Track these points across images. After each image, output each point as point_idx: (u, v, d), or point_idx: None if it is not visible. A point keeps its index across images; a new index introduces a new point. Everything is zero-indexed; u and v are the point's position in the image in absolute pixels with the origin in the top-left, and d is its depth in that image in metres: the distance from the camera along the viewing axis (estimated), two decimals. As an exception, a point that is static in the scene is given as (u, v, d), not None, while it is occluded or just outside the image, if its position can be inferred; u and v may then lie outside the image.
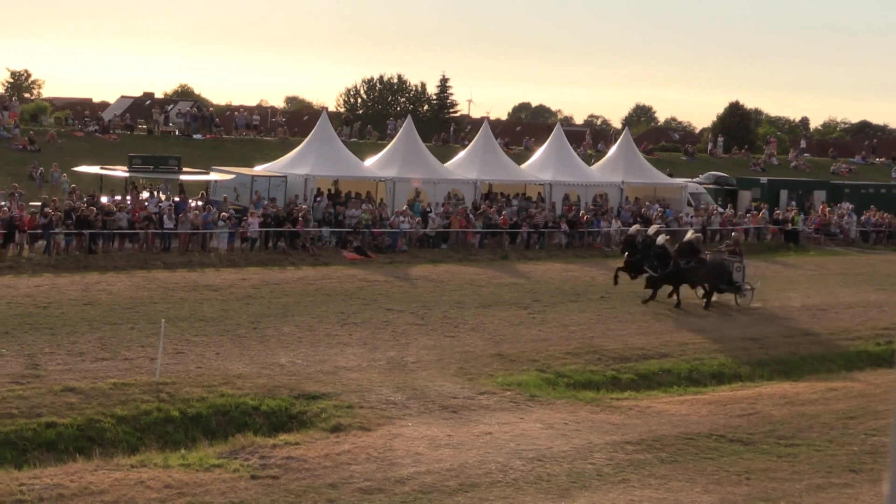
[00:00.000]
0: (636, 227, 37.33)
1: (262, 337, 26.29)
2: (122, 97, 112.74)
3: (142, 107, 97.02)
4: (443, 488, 16.20)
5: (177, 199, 43.91)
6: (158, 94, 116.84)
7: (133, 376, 21.64)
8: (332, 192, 47.57)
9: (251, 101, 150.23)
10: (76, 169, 48.48)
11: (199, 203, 43.89)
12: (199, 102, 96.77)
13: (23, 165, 54.37)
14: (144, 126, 72.90)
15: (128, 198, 43.05)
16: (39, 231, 37.41)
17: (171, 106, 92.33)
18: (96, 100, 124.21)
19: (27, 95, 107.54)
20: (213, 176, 47.24)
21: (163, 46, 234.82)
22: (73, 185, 45.44)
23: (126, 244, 39.30)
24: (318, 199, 45.89)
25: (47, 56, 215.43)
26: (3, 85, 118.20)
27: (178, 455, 17.24)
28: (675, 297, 33.80)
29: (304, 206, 43.30)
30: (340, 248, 42.49)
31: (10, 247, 36.86)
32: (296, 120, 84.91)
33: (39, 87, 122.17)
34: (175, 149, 56.95)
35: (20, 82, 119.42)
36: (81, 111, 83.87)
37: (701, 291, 34.51)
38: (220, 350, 24.61)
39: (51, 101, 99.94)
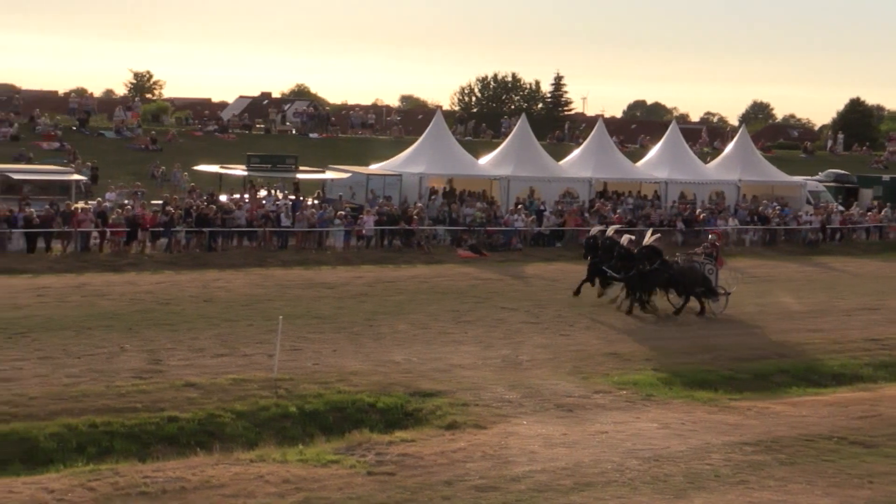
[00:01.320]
0: (597, 228, 34.55)
1: (377, 334, 26.50)
2: (240, 97, 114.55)
3: (259, 106, 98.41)
4: (557, 487, 16.15)
5: (293, 197, 44.48)
6: (275, 94, 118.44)
7: (251, 372, 21.99)
8: (447, 190, 47.74)
9: (366, 100, 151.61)
10: (196, 168, 49.42)
11: (315, 201, 44.43)
12: (314, 102, 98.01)
13: (144, 164, 55.52)
14: (262, 125, 73.95)
15: (246, 196, 43.75)
16: (161, 229, 38.22)
17: (288, 105, 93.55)
18: (215, 100, 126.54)
19: (149, 96, 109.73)
20: (328, 175, 47.75)
21: (280, 47, 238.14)
22: (193, 184, 46.32)
23: (244, 242, 39.94)
24: (433, 197, 46.11)
25: (169, 57, 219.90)
26: (127, 86, 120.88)
27: (296, 450, 17.45)
28: (626, 302, 31.09)
29: (418, 205, 43.53)
30: (454, 246, 42.63)
31: (132, 244, 37.74)
32: (410, 118, 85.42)
33: (161, 87, 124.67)
34: (291, 148, 57.67)
35: (142, 83, 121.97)
36: (201, 111, 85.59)
37: (675, 297, 31.68)
38: (335, 347, 24.87)
39: (171, 101, 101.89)
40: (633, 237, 32.56)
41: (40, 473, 16.04)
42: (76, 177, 44.82)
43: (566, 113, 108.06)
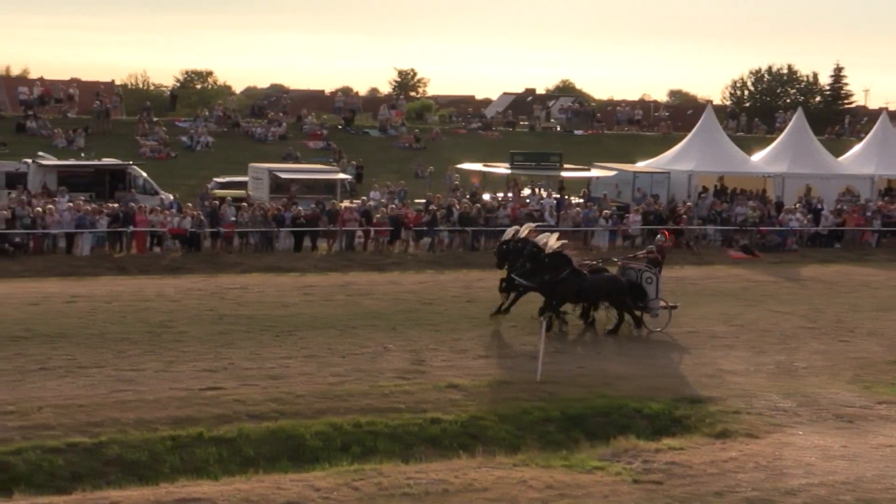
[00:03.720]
0: (512, 229, 29.35)
1: (642, 337, 26.28)
2: (504, 94, 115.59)
3: (523, 103, 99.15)
4: (837, 502, 15.63)
5: (557, 196, 44.60)
6: (540, 90, 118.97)
7: (514, 375, 22.18)
8: (717, 188, 46.90)
9: (633, 96, 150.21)
10: (459, 166, 50.21)
11: (580, 200, 44.42)
12: (580, 98, 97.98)
13: (407, 163, 56.82)
14: (526, 122, 74.47)
15: (509, 195, 44.15)
16: (424, 228, 38.99)
17: (553, 102, 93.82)
18: (479, 97, 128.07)
19: (413, 94, 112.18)
20: (594, 172, 47.69)
21: (544, 42, 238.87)
22: (457, 183, 47.11)
23: (507, 241, 40.29)
24: (703, 195, 45.38)
25: (433, 55, 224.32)
26: (391, 84, 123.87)
27: (559, 455, 17.49)
28: (550, 320, 25.81)
29: (687, 203, 42.93)
30: (725, 246, 41.84)
31: (396, 243, 38.66)
32: (679, 114, 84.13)
33: (425, 85, 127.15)
34: (555, 145, 57.88)
35: (407, 81, 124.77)
36: (464, 108, 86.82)
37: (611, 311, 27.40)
38: (599, 350, 24.80)
39: (435, 98, 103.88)
40: (564, 240, 28.39)
41: (307, 471, 16.61)
42: (342, 176, 46.31)
43: (846, 106, 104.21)
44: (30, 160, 42.69)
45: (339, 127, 66.57)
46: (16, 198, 37.40)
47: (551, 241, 27.06)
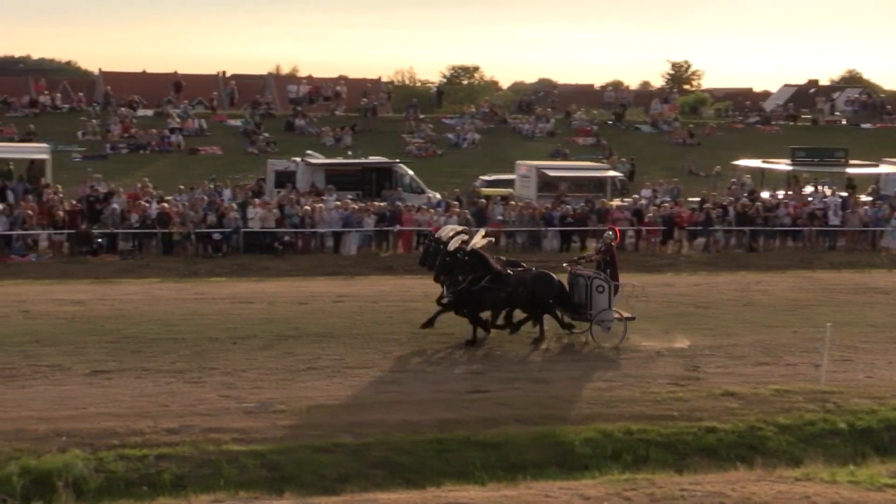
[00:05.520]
0: (448, 227, 26.37)
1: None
2: (785, 86, 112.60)
3: (805, 95, 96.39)
4: None
5: (843, 194, 43.21)
6: (824, 81, 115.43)
7: (795, 383, 21.56)
8: None
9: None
10: (735, 163, 49.32)
11: (868, 198, 42.93)
12: (867, 89, 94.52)
13: (680, 159, 56.17)
14: (808, 116, 72.51)
15: (789, 192, 43.08)
16: (698, 227, 38.45)
17: (838, 93, 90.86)
18: (757, 89, 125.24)
19: (686, 87, 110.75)
20: (883, 168, 46.03)
21: (829, 30, 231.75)
22: (733, 181, 46.29)
23: (787, 242, 39.34)
24: None
25: (708, 46, 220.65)
26: (664, 77, 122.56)
27: (846, 471, 16.87)
28: (477, 329, 24.02)
29: None
30: None
31: (668, 243, 38.25)
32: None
33: (699, 78, 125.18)
34: (841, 139, 56.13)
35: (680, 74, 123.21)
36: (742, 102, 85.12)
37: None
38: (892, 359, 23.86)
39: (710, 92, 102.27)
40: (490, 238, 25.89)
41: (575, 479, 16.58)
42: (612, 173, 46.11)
43: None
44: (299, 159, 44.25)
45: (609, 122, 66.47)
46: (285, 196, 38.85)
47: (475, 241, 24.27)
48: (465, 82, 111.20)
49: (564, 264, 26.57)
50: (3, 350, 21.91)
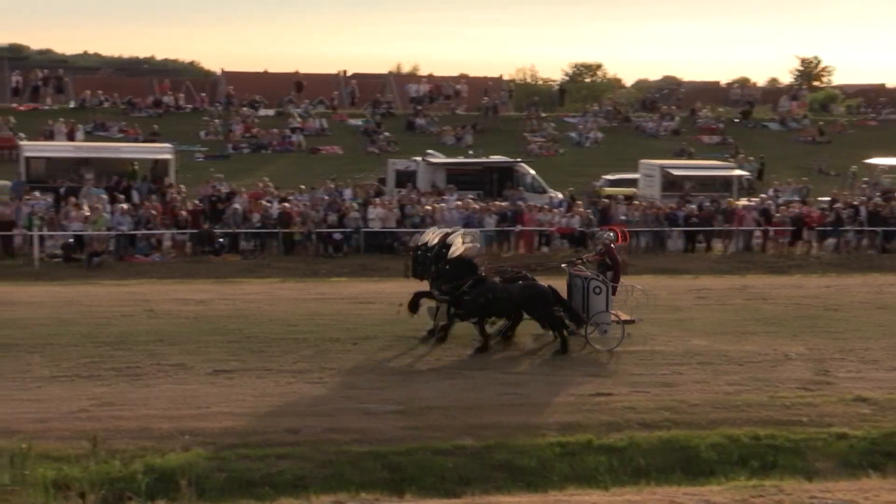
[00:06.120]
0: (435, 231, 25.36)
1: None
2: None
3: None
4: None
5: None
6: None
7: (932, 389, 21.10)
8: None
9: None
10: (868, 161, 48.38)
11: None
12: None
13: (809, 157, 55.27)
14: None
15: (925, 191, 42.20)
16: (828, 228, 37.82)
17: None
18: (889, 85, 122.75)
19: (816, 83, 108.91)
20: None
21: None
22: (865, 179, 45.48)
23: (923, 243, 38.53)
24: None
25: (838, 40, 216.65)
26: (792, 73, 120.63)
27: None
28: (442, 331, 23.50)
29: None
30: None
31: (797, 244, 37.68)
32: None
33: (829, 74, 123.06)
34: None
35: (809, 70, 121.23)
36: (874, 98, 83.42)
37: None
38: None
39: (841, 88, 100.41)
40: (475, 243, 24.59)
41: (701, 485, 16.40)
42: (738, 172, 45.60)
43: None
44: (419, 158, 44.48)
45: (736, 120, 65.68)
46: (405, 196, 39.07)
47: (456, 245, 23.31)
48: (588, 80, 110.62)
49: (562, 265, 25.73)
50: (128, 349, 22.39)
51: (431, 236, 24.21)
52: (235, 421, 18.11)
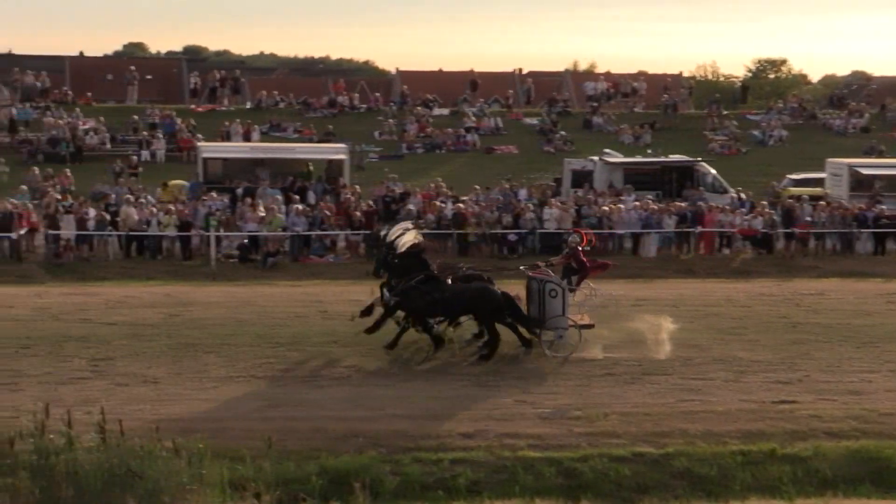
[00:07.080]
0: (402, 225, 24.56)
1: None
2: None
3: None
4: None
5: None
6: None
7: None
8: None
9: None
10: None
11: None
12: None
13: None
14: None
15: None
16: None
17: None
18: None
19: None
20: None
21: None
22: None
23: None
24: None
25: None
26: None
27: None
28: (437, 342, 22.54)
29: None
30: None
31: None
32: None
33: None
34: None
35: None
36: None
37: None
38: None
39: None
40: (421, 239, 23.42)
41: (892, 498, 16.04)
42: (931, 171, 44.31)
43: None
44: (596, 158, 44.29)
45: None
46: (582, 196, 38.92)
47: (406, 238, 22.70)
48: (772, 76, 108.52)
49: (521, 267, 24.95)
50: (302, 350, 22.80)
51: (395, 232, 23.44)
52: (408, 423, 18.26)
